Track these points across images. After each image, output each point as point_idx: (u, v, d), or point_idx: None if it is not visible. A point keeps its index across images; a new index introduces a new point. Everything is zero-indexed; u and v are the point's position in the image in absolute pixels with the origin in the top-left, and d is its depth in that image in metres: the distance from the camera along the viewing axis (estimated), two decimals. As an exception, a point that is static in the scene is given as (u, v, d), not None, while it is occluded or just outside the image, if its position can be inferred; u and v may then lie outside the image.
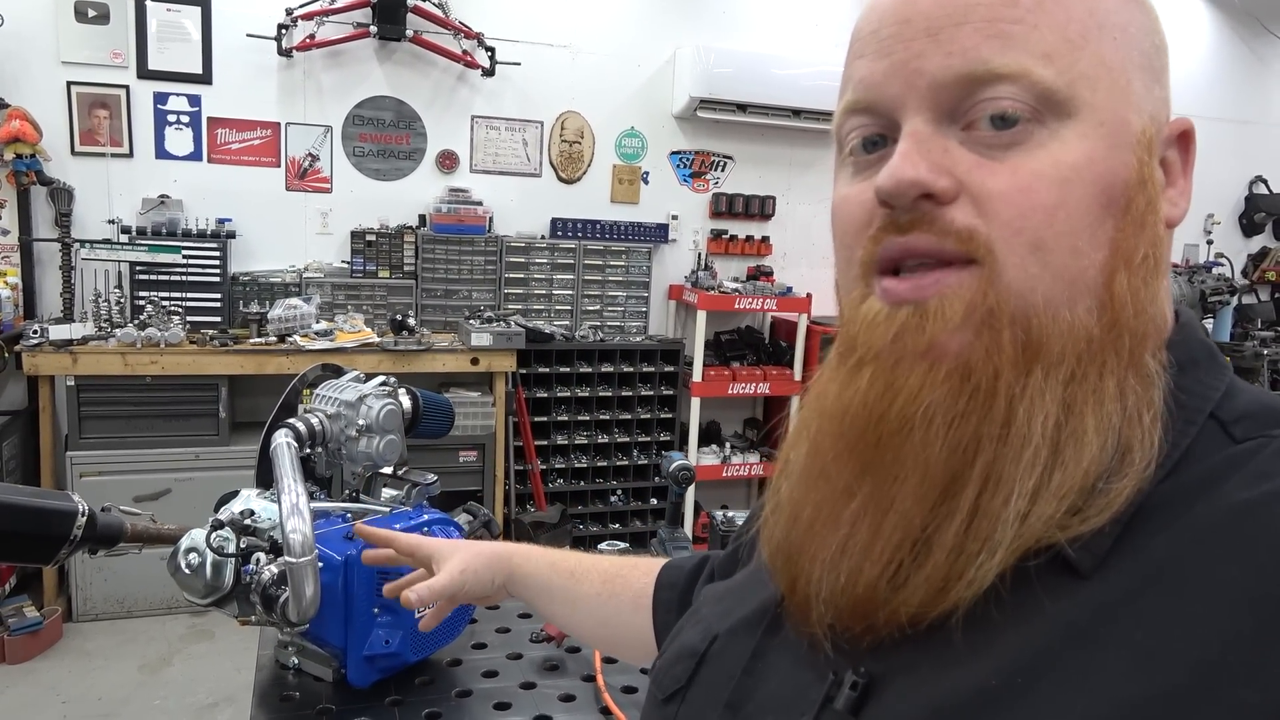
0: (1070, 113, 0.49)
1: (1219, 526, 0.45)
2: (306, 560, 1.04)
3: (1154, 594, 0.44)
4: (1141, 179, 0.50)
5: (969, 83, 0.49)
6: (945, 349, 0.49)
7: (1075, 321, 0.48)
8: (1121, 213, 0.50)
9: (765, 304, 4.62)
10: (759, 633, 0.60)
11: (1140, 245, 0.50)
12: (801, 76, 4.58)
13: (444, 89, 4.37)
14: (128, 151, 3.94)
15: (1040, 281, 0.48)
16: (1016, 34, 0.49)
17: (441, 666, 1.38)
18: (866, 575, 0.50)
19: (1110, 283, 0.49)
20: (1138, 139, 0.51)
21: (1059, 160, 0.49)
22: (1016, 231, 0.48)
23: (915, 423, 0.49)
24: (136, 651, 3.41)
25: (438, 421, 1.52)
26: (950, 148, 0.50)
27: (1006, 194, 0.49)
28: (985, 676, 0.46)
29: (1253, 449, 0.48)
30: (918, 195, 0.49)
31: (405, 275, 4.27)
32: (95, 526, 1.24)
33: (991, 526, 0.47)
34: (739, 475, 4.75)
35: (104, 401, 3.57)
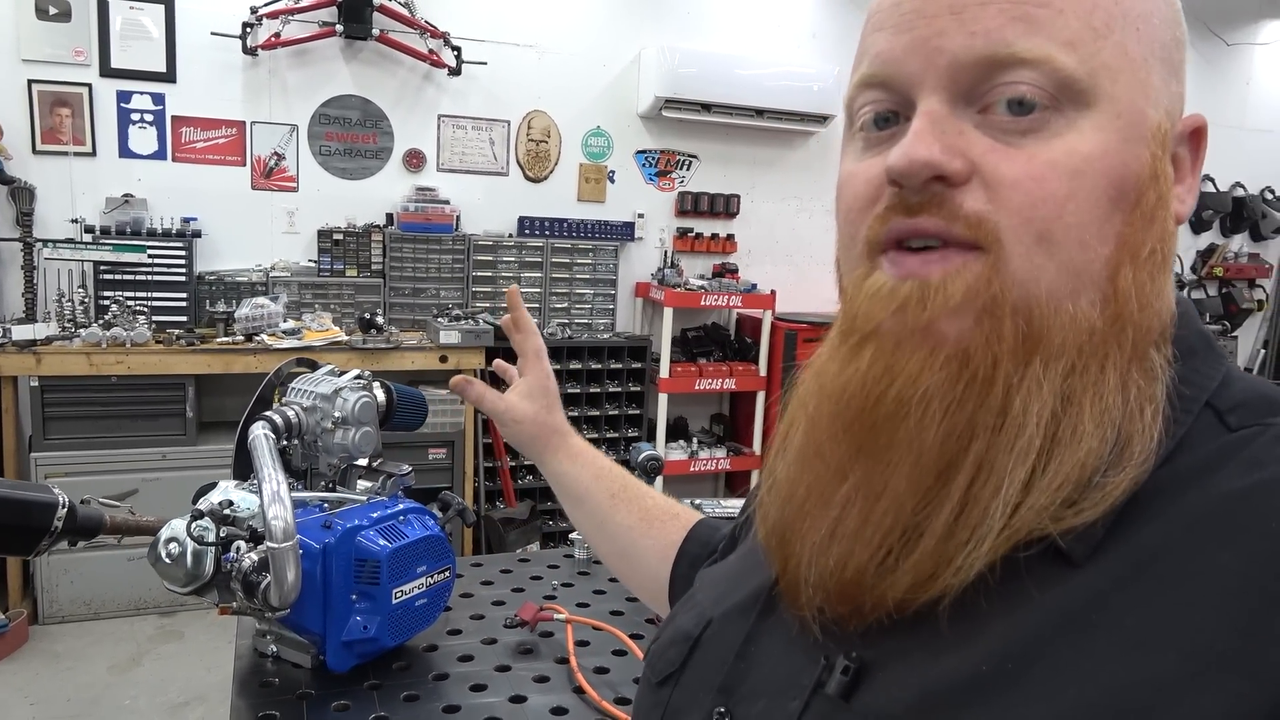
0: (1089, 103, 0.48)
1: (1212, 514, 0.45)
2: (288, 545, 1.07)
3: (1146, 581, 0.44)
4: (1154, 174, 0.50)
5: (990, 65, 0.48)
6: (945, 333, 0.49)
7: (1078, 314, 0.48)
8: (1131, 207, 0.49)
9: (730, 301, 4.68)
10: (752, 617, 0.60)
11: (1148, 240, 0.50)
12: (764, 77, 4.65)
13: (410, 88, 4.39)
14: (90, 150, 3.92)
15: (1045, 273, 0.48)
16: (1042, 18, 0.48)
17: (418, 652, 1.41)
18: (856, 560, 0.51)
19: (1115, 277, 0.49)
20: (1153, 133, 0.50)
21: (1074, 150, 0.48)
22: (1026, 221, 0.48)
23: (912, 407, 0.49)
24: (105, 652, 3.40)
25: (412, 414, 1.55)
26: (965, 130, 0.49)
27: (1019, 181, 0.48)
28: (977, 662, 0.46)
29: (1247, 437, 0.48)
30: (930, 176, 0.49)
31: (373, 274, 4.28)
32: (75, 518, 1.27)
33: (981, 515, 0.47)
34: (706, 470, 4.81)
35: (69, 402, 3.55)
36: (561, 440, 1.08)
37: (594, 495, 1.03)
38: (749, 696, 0.57)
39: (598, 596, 1.61)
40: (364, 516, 1.33)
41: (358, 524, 1.30)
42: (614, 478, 1.05)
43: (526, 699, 1.29)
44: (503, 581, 1.67)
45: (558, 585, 1.65)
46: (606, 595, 1.61)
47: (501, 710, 1.25)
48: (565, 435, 1.09)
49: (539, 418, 1.09)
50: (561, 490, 1.06)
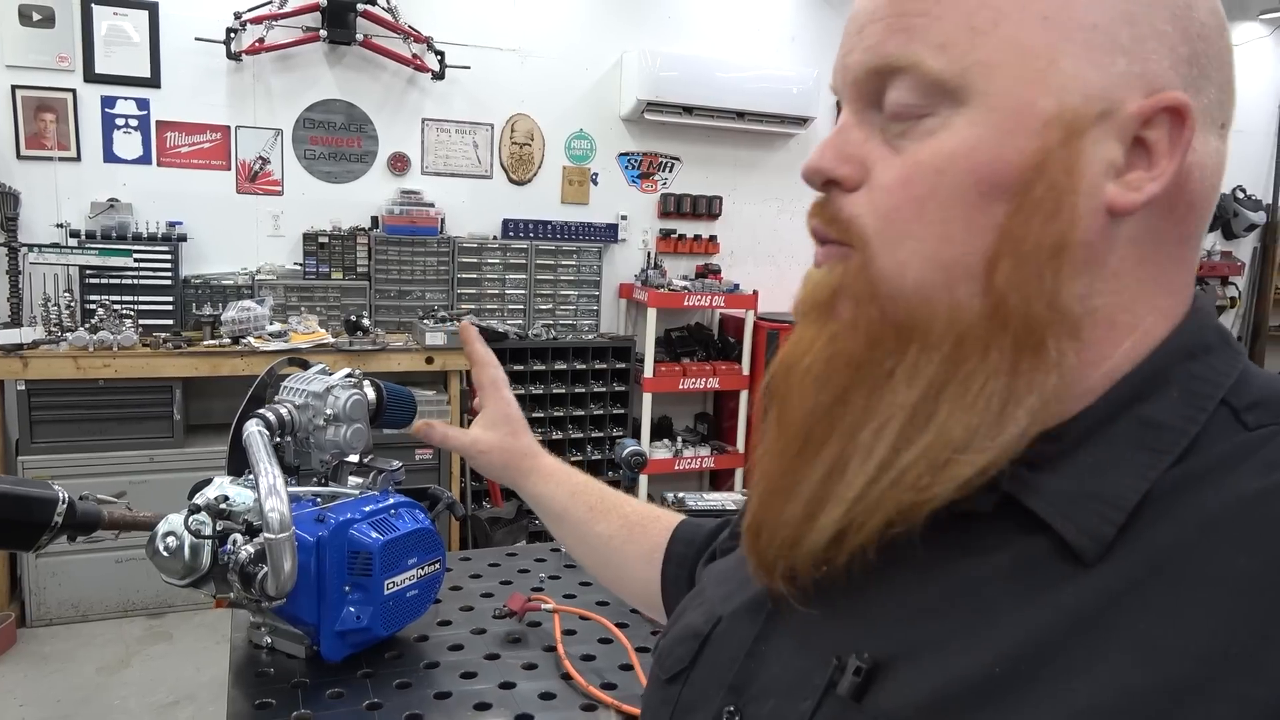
0: (963, 100, 0.49)
1: (1228, 516, 0.44)
2: (285, 536, 1.12)
3: (1160, 583, 0.44)
4: (1040, 165, 0.48)
5: (876, 75, 0.52)
6: (839, 315, 0.53)
7: (955, 304, 0.49)
8: (1015, 199, 0.49)
9: (713, 301, 4.74)
10: (763, 616, 0.60)
11: (1034, 233, 0.48)
12: (745, 80, 4.71)
13: (394, 92, 4.42)
14: (75, 155, 3.93)
15: (909, 268, 0.50)
16: (918, 26, 0.50)
17: (409, 642, 1.45)
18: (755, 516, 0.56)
19: (992, 270, 0.49)
20: (1046, 122, 0.48)
21: (940, 150, 0.49)
22: (889, 222, 0.51)
23: (797, 377, 0.54)
24: (94, 654, 3.41)
25: (401, 412, 1.59)
26: (871, 137, 0.53)
27: (889, 186, 0.51)
28: (989, 664, 0.46)
29: (1265, 436, 0.47)
30: (823, 181, 0.54)
31: (358, 276, 4.31)
32: (75, 513, 1.30)
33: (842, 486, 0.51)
34: (690, 468, 4.86)
35: (56, 405, 3.56)
36: (533, 462, 1.08)
37: (572, 511, 1.04)
38: (759, 696, 0.57)
39: (584, 588, 1.65)
40: (356, 510, 1.37)
41: (350, 517, 1.34)
42: (590, 491, 1.05)
43: (515, 685, 1.33)
44: (491, 575, 1.71)
45: (545, 578, 1.69)
46: (593, 587, 1.65)
47: (491, 696, 1.29)
48: (536, 457, 1.09)
49: (505, 444, 1.09)
50: (541, 511, 1.07)
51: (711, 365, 4.82)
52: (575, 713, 1.27)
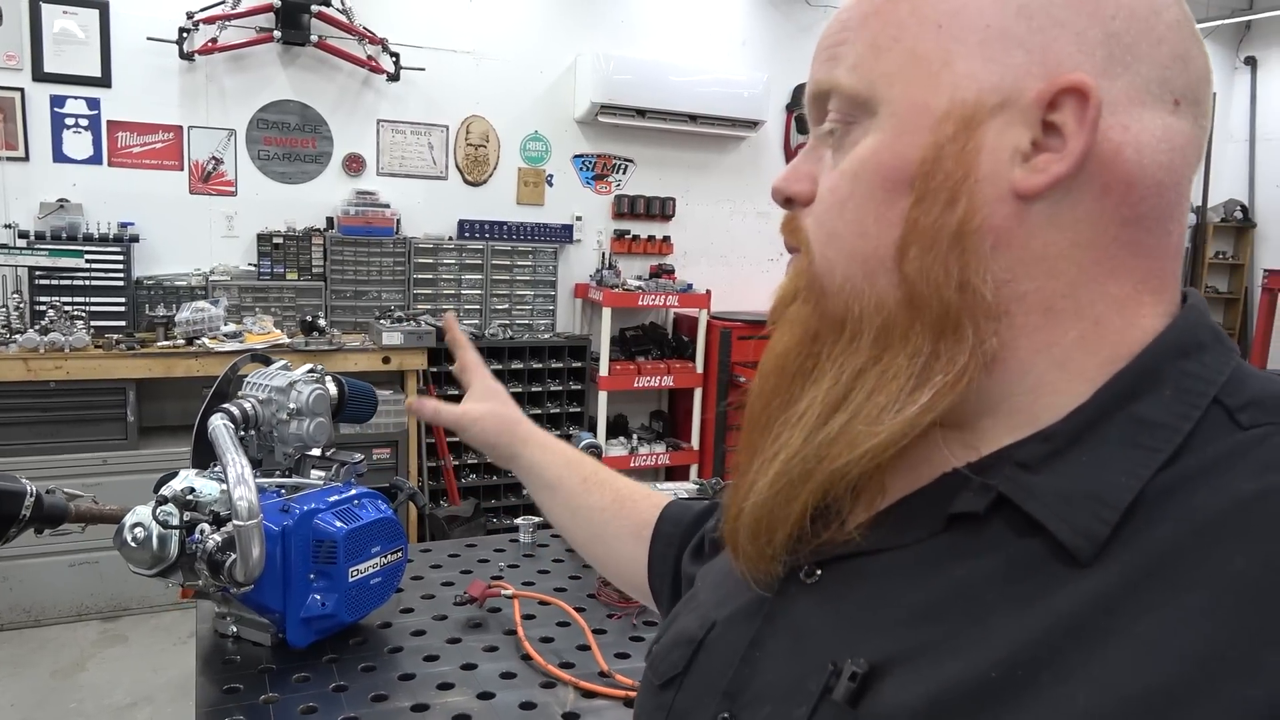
0: (874, 110, 0.54)
1: (1224, 517, 0.44)
2: (254, 523, 1.16)
3: (1156, 585, 0.43)
4: (936, 158, 0.51)
5: (817, 100, 0.58)
6: (789, 315, 0.59)
7: (876, 293, 0.53)
8: (915, 192, 0.52)
9: (667, 300, 4.82)
10: (758, 621, 0.60)
11: (940, 221, 0.51)
12: (697, 84, 4.80)
13: (349, 93, 4.44)
14: (23, 155, 3.89)
15: (836, 264, 0.55)
16: (841, 53, 0.56)
17: (373, 629, 1.50)
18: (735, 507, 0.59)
19: (902, 259, 0.52)
20: (940, 119, 0.51)
21: (855, 156, 0.54)
22: (820, 224, 0.57)
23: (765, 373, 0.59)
24: (48, 659, 3.39)
25: (362, 406, 1.64)
26: (825, 156, 0.58)
27: (822, 194, 0.57)
28: (985, 668, 0.45)
29: (1259, 436, 0.47)
30: (784, 199, 0.60)
31: (314, 277, 4.32)
32: (42, 506, 1.34)
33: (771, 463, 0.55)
34: (646, 465, 4.94)
35: (6, 408, 3.53)
36: (527, 430, 1.09)
37: (566, 481, 1.04)
38: (754, 702, 0.57)
39: (542, 576, 1.71)
40: (321, 500, 1.41)
41: (315, 507, 1.39)
42: (584, 463, 1.06)
43: (477, 666, 1.38)
44: (451, 565, 1.76)
45: (504, 567, 1.74)
46: (550, 575, 1.71)
47: (454, 676, 1.34)
48: (528, 425, 1.10)
49: (497, 411, 1.11)
50: (534, 479, 1.07)
51: (666, 364, 4.90)
52: (535, 690, 1.33)
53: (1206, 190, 6.77)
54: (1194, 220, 6.71)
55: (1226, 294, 7.01)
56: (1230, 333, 6.92)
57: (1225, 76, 6.74)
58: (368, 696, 1.28)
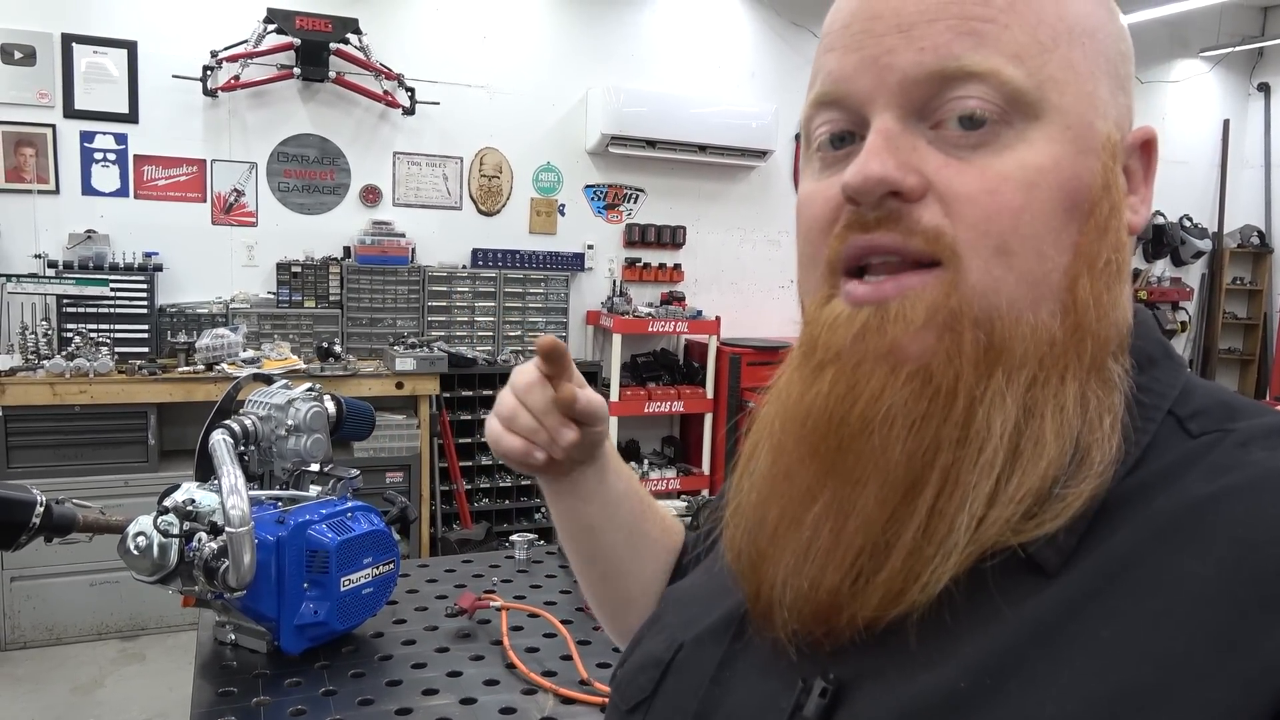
0: (1038, 115, 0.49)
1: (1181, 522, 0.44)
2: (245, 530, 1.23)
3: (1118, 591, 0.44)
4: (1106, 184, 0.50)
5: (940, 80, 0.49)
6: (907, 351, 0.49)
7: (1038, 325, 0.48)
8: (1085, 217, 0.49)
9: (678, 327, 4.89)
10: (726, 641, 0.58)
11: (1103, 250, 0.50)
12: (707, 115, 4.89)
13: (366, 127, 4.57)
14: (54, 188, 4.04)
15: (1004, 284, 0.48)
16: (989, 32, 0.48)
17: (365, 638, 1.55)
18: (829, 580, 0.50)
19: (1074, 287, 0.49)
20: (1103, 144, 0.50)
21: (1025, 163, 0.48)
22: (983, 234, 0.48)
23: (876, 425, 0.49)
24: (67, 675, 3.46)
25: (360, 424, 1.71)
26: (919, 146, 0.50)
27: (973, 195, 0.48)
28: (954, 679, 0.45)
29: (1209, 443, 0.48)
30: (885, 193, 0.49)
31: (331, 305, 4.43)
32: (52, 516, 1.40)
33: (947, 529, 0.47)
34: (658, 490, 4.97)
35: (32, 431, 3.64)
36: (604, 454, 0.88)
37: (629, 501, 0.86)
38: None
39: (534, 590, 1.76)
40: (314, 512, 1.47)
41: (309, 519, 1.44)
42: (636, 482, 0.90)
43: (462, 673, 1.43)
44: (447, 580, 1.81)
45: (498, 582, 1.78)
46: (542, 589, 1.76)
47: (439, 683, 1.39)
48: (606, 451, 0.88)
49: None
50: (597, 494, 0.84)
51: (676, 389, 4.95)
52: (516, 695, 1.37)
53: (1223, 216, 6.77)
54: (1211, 246, 6.69)
55: (1245, 319, 6.98)
56: (1249, 359, 6.91)
57: (1239, 103, 6.76)
58: (355, 700, 1.33)
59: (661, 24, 5.11)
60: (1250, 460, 0.46)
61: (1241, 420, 0.49)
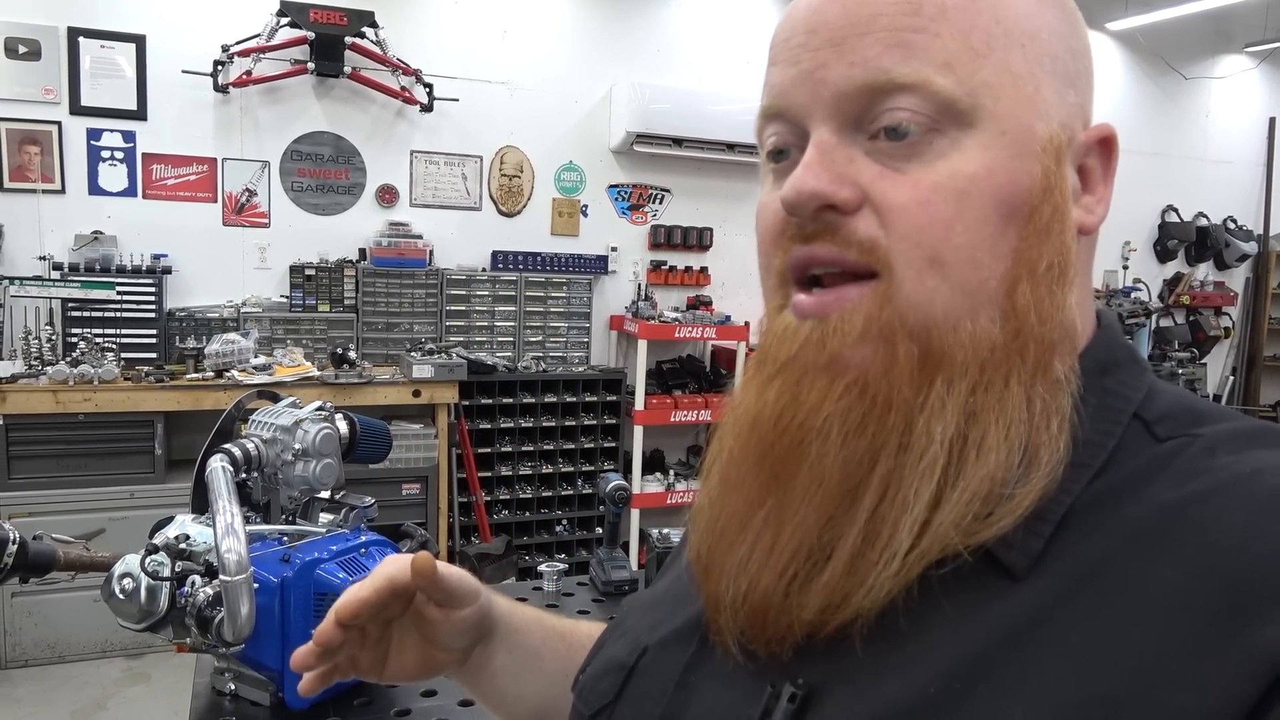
0: (972, 122, 0.49)
1: (1149, 527, 0.45)
2: (241, 578, 1.06)
3: (1088, 595, 0.44)
4: (1046, 188, 0.50)
5: (870, 92, 0.49)
6: (846, 363, 0.50)
7: (978, 332, 0.49)
8: (1024, 222, 0.50)
9: (705, 333, 4.70)
10: (692, 644, 0.58)
11: (1045, 254, 0.50)
12: (735, 112, 4.71)
13: (383, 124, 4.41)
14: (60, 188, 3.90)
15: (939, 294, 0.49)
16: (918, 43, 0.49)
17: (380, 688, 1.39)
18: (764, 583, 0.51)
19: (1013, 293, 0.49)
20: (1044, 147, 0.50)
21: (957, 171, 0.49)
22: (915, 245, 0.49)
23: (814, 435, 0.50)
24: (69, 696, 3.32)
25: (375, 446, 1.54)
26: (855, 157, 0.50)
27: (906, 207, 0.49)
28: (924, 684, 0.46)
29: (1176, 448, 0.48)
30: (819, 206, 0.50)
31: (346, 309, 4.27)
32: (27, 554, 1.25)
33: (889, 535, 0.47)
34: (683, 501, 4.80)
35: (34, 441, 3.50)
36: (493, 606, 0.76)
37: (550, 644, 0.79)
38: None
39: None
40: (324, 549, 1.31)
41: (317, 557, 1.29)
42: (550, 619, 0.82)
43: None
44: (469, 615, 1.64)
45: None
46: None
47: (464, 744, 1.24)
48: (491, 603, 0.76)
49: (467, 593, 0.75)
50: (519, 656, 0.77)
51: (704, 397, 4.78)
52: (551, 762, 1.21)
53: (1268, 218, 6.56)
54: (1256, 249, 6.48)
55: (1291, 325, 6.74)
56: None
57: (1284, 103, 6.53)
58: (369, 766, 1.17)
59: (687, 18, 4.95)
60: (1217, 466, 0.46)
61: (1207, 425, 0.49)
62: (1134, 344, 0.58)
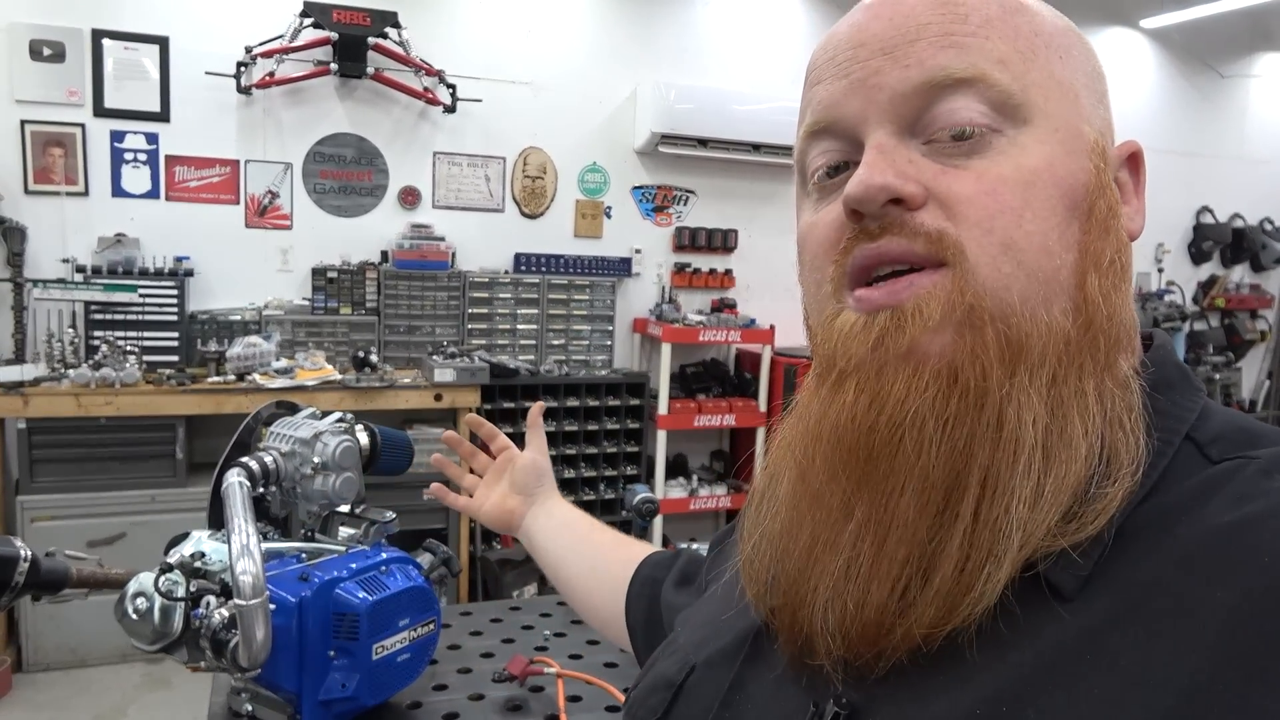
0: (1026, 118, 0.50)
1: (1203, 549, 0.44)
2: (257, 603, 1.01)
3: (1139, 618, 0.43)
4: (1101, 184, 0.51)
5: (929, 90, 0.50)
6: (928, 351, 0.48)
7: (1053, 322, 0.48)
8: (1085, 216, 0.50)
9: (729, 336, 4.64)
10: (737, 663, 0.59)
11: (1107, 249, 0.51)
12: (761, 112, 4.64)
13: (405, 126, 4.38)
14: (83, 190, 3.89)
15: (1015, 280, 0.48)
16: (971, 44, 0.50)
17: (401, 709, 1.35)
18: (875, 598, 0.48)
19: (1083, 284, 0.49)
20: (1092, 147, 0.51)
21: (1020, 164, 0.49)
22: (987, 231, 0.48)
23: (906, 430, 0.48)
24: (90, 702, 3.31)
25: (396, 458, 1.50)
26: (915, 158, 0.50)
27: (973, 197, 0.49)
28: (970, 707, 0.44)
29: (1230, 470, 0.47)
30: (886, 200, 0.49)
31: (368, 312, 4.24)
32: (39, 572, 1.21)
33: (995, 535, 0.46)
34: (706, 508, 4.74)
35: (56, 444, 3.49)
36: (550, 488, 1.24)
37: (578, 522, 1.16)
38: None
39: (591, 647, 1.55)
40: (343, 568, 1.27)
41: (336, 575, 1.24)
42: (589, 517, 1.17)
43: (514, 760, 1.22)
44: (492, 631, 1.61)
45: (549, 635, 1.59)
46: (599, 647, 1.55)
47: (488, 773, 1.19)
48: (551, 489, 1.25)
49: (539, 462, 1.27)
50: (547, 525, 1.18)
51: (728, 402, 4.71)
52: (579, 792, 1.16)
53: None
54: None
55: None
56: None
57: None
58: (390, 796, 1.13)
59: (713, 18, 4.88)
60: (1274, 488, 0.45)
61: (1262, 447, 0.48)
62: (1186, 365, 0.56)
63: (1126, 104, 5.56)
